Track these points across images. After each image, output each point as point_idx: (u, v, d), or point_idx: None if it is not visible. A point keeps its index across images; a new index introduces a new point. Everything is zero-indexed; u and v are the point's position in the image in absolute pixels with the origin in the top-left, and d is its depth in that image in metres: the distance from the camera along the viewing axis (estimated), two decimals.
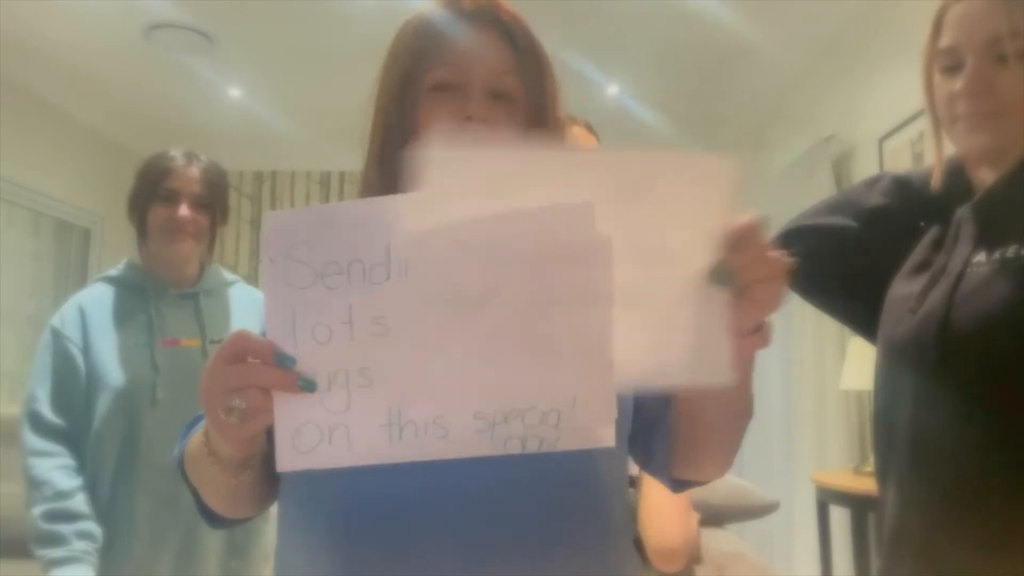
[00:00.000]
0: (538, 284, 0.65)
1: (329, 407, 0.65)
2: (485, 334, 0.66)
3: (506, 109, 0.84)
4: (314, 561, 0.78)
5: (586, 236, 0.66)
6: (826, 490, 2.81)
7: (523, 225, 0.65)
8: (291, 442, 0.65)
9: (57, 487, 1.51)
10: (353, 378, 0.65)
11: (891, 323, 1.05)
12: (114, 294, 1.67)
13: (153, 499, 1.57)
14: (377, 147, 0.87)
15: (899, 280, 1.09)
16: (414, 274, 0.65)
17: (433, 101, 0.83)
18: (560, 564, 0.76)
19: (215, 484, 0.78)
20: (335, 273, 0.65)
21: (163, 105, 4.44)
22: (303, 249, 0.65)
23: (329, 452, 0.66)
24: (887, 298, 1.09)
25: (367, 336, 0.65)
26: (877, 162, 3.15)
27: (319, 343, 0.65)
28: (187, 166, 1.66)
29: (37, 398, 1.57)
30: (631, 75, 4.08)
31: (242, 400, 0.64)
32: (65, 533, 1.49)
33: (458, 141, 0.67)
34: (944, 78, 1.01)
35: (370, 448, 0.66)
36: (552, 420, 0.66)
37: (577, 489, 0.78)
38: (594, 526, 0.80)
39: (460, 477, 0.73)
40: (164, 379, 1.60)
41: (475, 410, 0.66)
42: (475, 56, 0.83)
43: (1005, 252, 0.94)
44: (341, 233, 0.65)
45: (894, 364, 1.04)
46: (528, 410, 0.66)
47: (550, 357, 0.66)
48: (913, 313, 1.00)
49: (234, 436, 0.67)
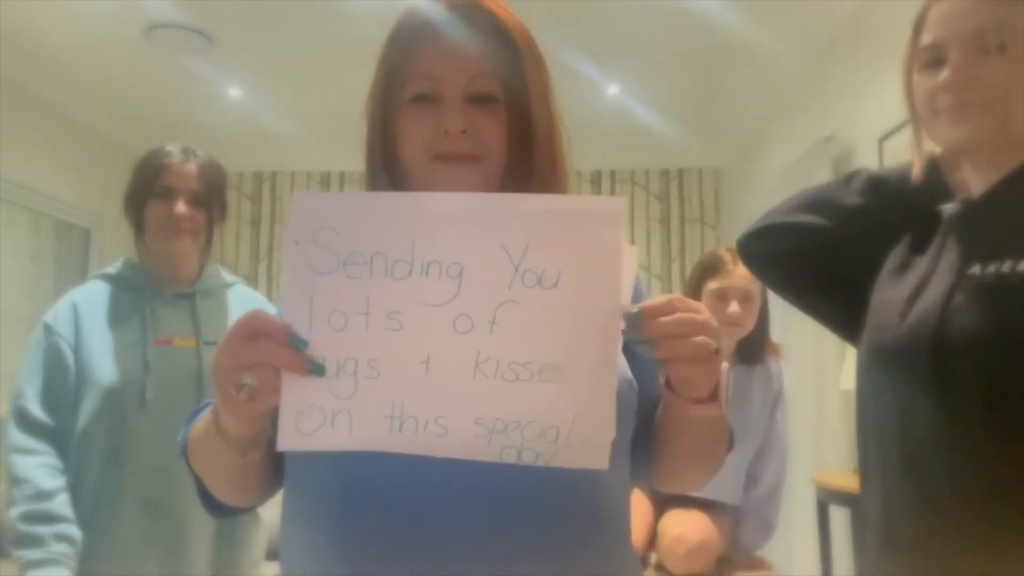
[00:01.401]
0: (557, 303, 0.66)
1: (335, 392, 0.66)
2: (499, 345, 0.66)
3: (487, 112, 0.83)
4: (316, 553, 0.78)
5: (611, 244, 0.66)
6: (826, 490, 2.81)
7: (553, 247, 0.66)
8: (294, 423, 0.66)
9: (39, 486, 1.48)
10: (362, 368, 0.66)
11: (878, 327, 1.05)
12: (110, 292, 1.64)
13: (139, 503, 1.52)
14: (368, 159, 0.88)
15: (883, 282, 1.08)
16: (434, 275, 0.65)
17: (411, 115, 0.83)
18: (559, 561, 0.76)
19: (221, 464, 0.78)
20: (358, 263, 0.66)
21: (163, 105, 4.44)
22: (328, 234, 0.66)
23: (330, 435, 0.67)
24: (872, 300, 1.08)
25: (381, 329, 0.66)
26: (877, 162, 3.15)
27: (334, 330, 0.66)
28: (184, 162, 1.63)
29: (25, 394, 1.53)
30: (631, 75, 4.07)
31: (253, 378, 0.65)
32: (44, 535, 1.45)
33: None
34: (925, 74, 1.01)
35: (370, 435, 0.67)
36: (551, 436, 0.67)
37: (577, 487, 0.78)
38: (593, 525, 0.79)
39: (462, 471, 0.73)
40: (154, 379, 1.56)
41: (476, 416, 0.67)
42: (449, 64, 0.82)
43: (1001, 267, 0.93)
44: (368, 223, 0.66)
45: (881, 369, 1.04)
46: (528, 423, 0.67)
47: (556, 374, 0.66)
48: (902, 318, 0.99)
49: (243, 413, 0.68)
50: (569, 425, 0.67)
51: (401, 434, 0.67)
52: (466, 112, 0.82)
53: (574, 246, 0.66)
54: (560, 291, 0.66)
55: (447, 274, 0.65)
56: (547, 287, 0.66)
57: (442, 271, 0.65)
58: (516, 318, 0.66)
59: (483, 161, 0.83)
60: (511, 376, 0.66)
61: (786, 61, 3.80)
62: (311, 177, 5.59)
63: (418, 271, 0.65)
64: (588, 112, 4.33)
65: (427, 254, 0.65)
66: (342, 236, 0.66)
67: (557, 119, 0.89)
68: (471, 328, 0.66)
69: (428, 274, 0.65)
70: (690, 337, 0.66)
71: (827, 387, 3.28)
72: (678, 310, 0.67)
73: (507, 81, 0.84)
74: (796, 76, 3.96)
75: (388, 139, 0.85)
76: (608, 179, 5.53)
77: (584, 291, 0.66)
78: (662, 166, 5.52)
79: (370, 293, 0.66)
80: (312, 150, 5.07)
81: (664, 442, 0.82)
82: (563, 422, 0.67)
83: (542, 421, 0.67)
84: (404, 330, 0.66)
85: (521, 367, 0.66)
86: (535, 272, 0.65)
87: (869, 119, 3.23)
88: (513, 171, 0.84)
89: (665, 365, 0.68)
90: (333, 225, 0.66)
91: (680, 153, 5.26)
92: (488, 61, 0.83)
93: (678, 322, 0.66)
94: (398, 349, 0.66)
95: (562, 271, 0.66)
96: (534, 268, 0.65)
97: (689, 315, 0.67)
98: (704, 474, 0.87)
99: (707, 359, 0.67)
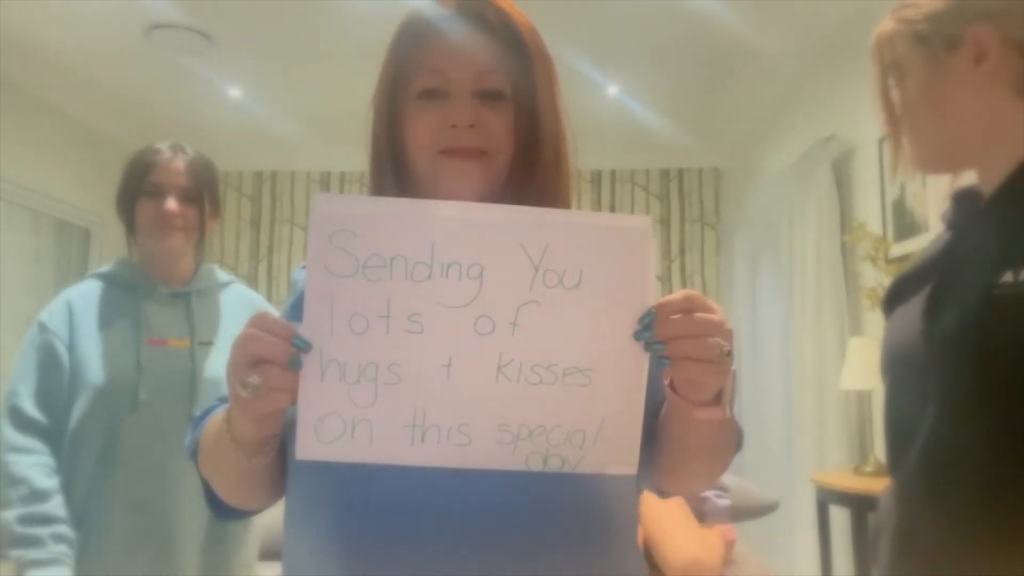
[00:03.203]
0: (580, 303, 0.65)
1: (356, 400, 0.66)
2: (521, 347, 0.65)
3: (495, 109, 0.83)
4: (316, 557, 0.78)
5: (639, 257, 0.65)
6: (826, 490, 2.81)
7: (573, 247, 0.65)
8: (314, 431, 0.66)
9: (34, 486, 1.46)
10: (383, 373, 0.65)
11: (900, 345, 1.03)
12: (105, 291, 1.63)
13: (130, 504, 1.51)
14: (374, 154, 0.87)
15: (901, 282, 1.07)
16: (454, 277, 0.65)
17: (419, 110, 0.83)
18: (562, 564, 0.75)
19: (231, 466, 0.78)
20: (377, 266, 0.65)
21: (163, 105, 4.44)
22: (346, 236, 0.65)
23: (351, 446, 0.66)
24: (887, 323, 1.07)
25: (401, 332, 0.65)
26: (877, 162, 3.15)
27: (355, 333, 0.65)
28: (172, 159, 1.62)
29: (19, 393, 1.52)
30: (631, 75, 4.08)
31: (257, 376, 0.65)
32: (42, 535, 1.44)
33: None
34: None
35: (391, 448, 0.66)
36: (577, 441, 0.66)
37: (580, 489, 0.77)
38: (596, 527, 0.79)
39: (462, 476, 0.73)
40: (147, 380, 1.54)
41: (500, 422, 0.66)
42: (458, 59, 0.83)
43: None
44: (387, 226, 0.65)
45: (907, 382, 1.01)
46: (554, 428, 0.66)
47: (582, 376, 0.65)
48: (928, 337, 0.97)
49: (249, 412, 0.68)
50: (596, 429, 0.66)
51: (423, 445, 0.66)
52: (474, 107, 0.82)
53: (597, 248, 0.65)
54: (583, 291, 0.65)
55: (467, 275, 0.65)
56: (569, 287, 0.65)
57: (462, 272, 0.65)
58: (538, 319, 0.65)
59: (489, 157, 0.83)
60: (535, 379, 0.65)
61: (786, 61, 3.80)
62: (311, 177, 5.59)
63: (438, 273, 0.65)
64: (588, 112, 4.33)
65: (447, 256, 0.65)
66: (361, 239, 0.65)
67: (563, 118, 0.89)
68: (493, 329, 0.65)
69: (448, 275, 0.65)
70: (703, 337, 0.65)
71: (827, 387, 3.28)
72: (695, 309, 0.66)
73: (515, 78, 0.84)
74: (796, 76, 3.96)
75: (395, 134, 0.85)
76: (608, 179, 5.53)
77: (609, 291, 0.65)
78: (662, 166, 5.52)
79: (391, 296, 0.65)
80: (312, 150, 5.07)
81: (667, 443, 0.80)
82: (589, 426, 0.66)
83: (568, 425, 0.66)
84: (425, 332, 0.65)
85: (545, 370, 0.65)
86: (556, 272, 0.65)
87: (869, 119, 3.21)
88: (518, 168, 0.84)
89: (672, 364, 0.67)
90: (352, 227, 0.65)
91: (680, 153, 5.26)
92: (497, 58, 0.83)
93: (693, 322, 0.65)
94: (419, 352, 0.65)
95: (584, 271, 0.65)
96: (555, 268, 0.65)
97: (705, 316, 0.66)
98: (709, 476, 0.86)
99: (717, 361, 0.66)
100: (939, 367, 0.94)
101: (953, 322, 0.93)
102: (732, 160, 5.28)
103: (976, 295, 0.91)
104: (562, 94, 0.89)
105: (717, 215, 5.51)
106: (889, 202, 3.08)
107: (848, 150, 3.42)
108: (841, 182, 3.47)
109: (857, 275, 3.23)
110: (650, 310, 0.65)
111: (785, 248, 3.93)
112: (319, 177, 5.60)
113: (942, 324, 0.95)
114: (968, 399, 0.91)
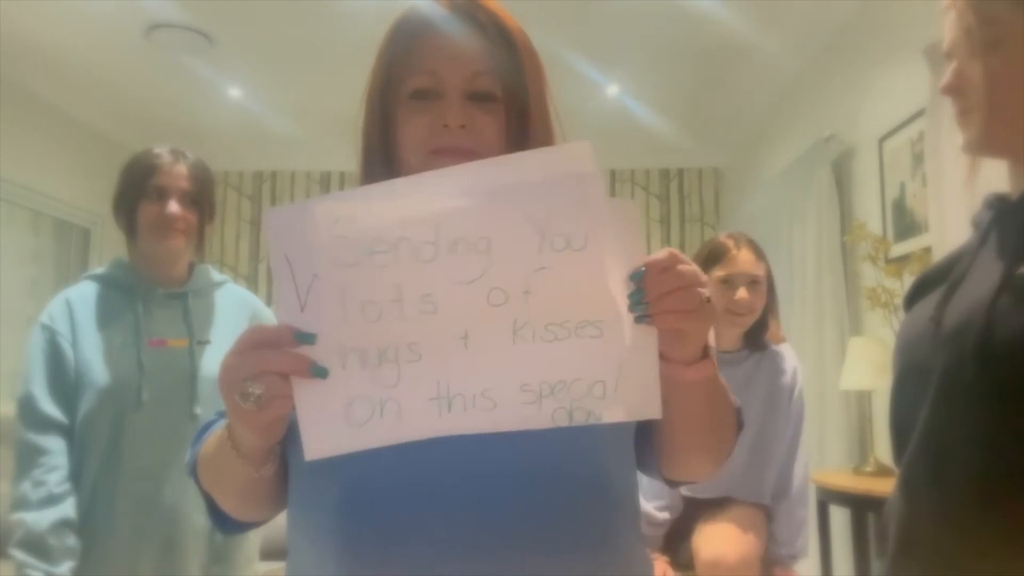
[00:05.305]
0: (588, 262, 0.66)
1: (380, 381, 0.66)
2: (535, 311, 0.66)
3: (486, 110, 0.83)
4: (318, 557, 0.78)
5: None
6: (826, 490, 2.81)
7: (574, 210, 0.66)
8: (344, 416, 0.66)
9: (53, 491, 1.49)
10: (403, 353, 0.67)
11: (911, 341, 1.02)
12: (102, 293, 1.64)
13: (134, 502, 1.53)
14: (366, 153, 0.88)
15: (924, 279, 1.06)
16: (462, 252, 0.66)
17: (411, 110, 0.84)
18: (565, 561, 0.75)
19: (235, 479, 0.78)
20: (383, 251, 0.66)
21: (163, 105, 4.44)
22: (344, 225, 0.65)
23: (382, 426, 0.67)
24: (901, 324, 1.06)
25: (416, 314, 0.66)
26: (877, 162, 3.15)
27: (369, 321, 0.66)
28: (174, 163, 1.65)
29: (34, 395, 1.54)
30: (631, 75, 4.08)
31: (258, 386, 0.65)
32: (52, 545, 1.46)
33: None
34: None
35: (421, 421, 0.67)
36: (598, 392, 0.67)
37: (584, 486, 0.78)
38: (601, 524, 0.79)
39: (465, 472, 0.73)
40: (149, 380, 1.57)
41: (522, 382, 0.67)
42: (450, 60, 0.83)
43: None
44: (383, 213, 0.66)
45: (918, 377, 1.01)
46: (574, 381, 0.67)
47: (594, 328, 0.67)
48: (936, 324, 0.96)
49: (253, 423, 0.68)
50: (615, 377, 0.67)
51: (451, 414, 0.67)
52: (466, 108, 0.82)
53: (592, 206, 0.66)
54: (590, 251, 0.66)
55: (475, 249, 0.66)
56: (577, 249, 0.66)
57: (469, 247, 0.66)
58: (550, 284, 0.66)
59: (480, 157, 0.83)
60: (549, 336, 0.67)
61: (786, 61, 3.81)
62: (311, 177, 5.59)
63: (445, 250, 0.66)
64: (588, 112, 4.33)
65: (452, 232, 0.65)
66: (360, 224, 0.65)
67: (554, 120, 0.89)
68: (505, 300, 0.66)
69: (456, 252, 0.66)
70: (689, 288, 0.66)
71: (827, 387, 3.28)
72: (677, 263, 0.67)
73: (507, 80, 0.84)
74: (796, 76, 3.96)
75: (386, 134, 0.86)
76: (608, 179, 5.53)
77: (611, 247, 0.66)
78: (662, 166, 5.52)
79: (400, 280, 0.66)
80: (312, 150, 5.07)
81: (667, 423, 0.80)
82: (608, 375, 0.67)
83: (588, 377, 0.67)
84: (439, 312, 0.66)
85: (559, 327, 0.67)
86: (563, 235, 0.66)
87: (869, 119, 3.23)
88: None
89: (656, 320, 0.67)
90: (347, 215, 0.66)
91: (680, 153, 5.26)
92: (489, 59, 0.84)
93: (678, 274, 0.66)
94: (436, 330, 0.66)
95: (588, 233, 0.66)
96: (561, 232, 0.66)
97: (686, 267, 0.67)
98: (713, 455, 0.85)
99: (699, 308, 0.67)
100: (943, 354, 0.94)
101: (963, 309, 0.92)
102: (732, 160, 5.28)
103: (990, 286, 0.89)
104: (557, 94, 0.89)
105: (717, 215, 5.51)
106: (889, 202, 3.08)
107: (848, 150, 3.42)
108: (841, 182, 3.47)
109: (857, 275, 3.23)
110: (639, 268, 0.67)
111: (785, 248, 3.93)
112: (319, 177, 5.60)
113: (951, 311, 0.94)
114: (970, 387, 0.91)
